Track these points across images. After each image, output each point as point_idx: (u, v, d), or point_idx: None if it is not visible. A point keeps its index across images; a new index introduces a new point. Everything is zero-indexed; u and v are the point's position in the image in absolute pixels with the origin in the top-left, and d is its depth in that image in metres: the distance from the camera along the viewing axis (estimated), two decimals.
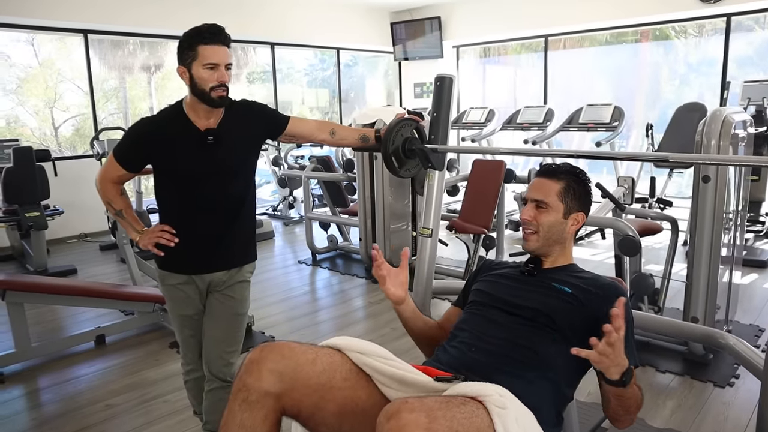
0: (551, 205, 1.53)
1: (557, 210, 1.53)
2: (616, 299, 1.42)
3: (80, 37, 6.33)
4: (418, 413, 1.05)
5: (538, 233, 1.54)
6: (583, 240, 5.53)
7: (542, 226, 1.53)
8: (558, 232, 1.55)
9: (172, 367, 3.05)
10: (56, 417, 2.62)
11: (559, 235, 1.55)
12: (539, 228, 1.54)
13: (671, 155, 1.40)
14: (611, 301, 1.42)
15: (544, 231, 1.54)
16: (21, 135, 6.70)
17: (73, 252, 5.83)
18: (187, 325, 2.05)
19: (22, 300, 3.09)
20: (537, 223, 1.54)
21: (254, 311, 3.64)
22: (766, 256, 4.70)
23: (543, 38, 8.20)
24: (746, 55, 7.03)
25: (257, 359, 1.28)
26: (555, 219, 1.53)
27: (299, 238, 6.27)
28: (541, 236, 1.54)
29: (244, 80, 8.89)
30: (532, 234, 1.55)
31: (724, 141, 2.61)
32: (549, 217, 1.53)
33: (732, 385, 2.71)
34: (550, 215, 1.53)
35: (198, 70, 1.79)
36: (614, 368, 1.22)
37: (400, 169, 2.03)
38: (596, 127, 6.22)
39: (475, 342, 1.46)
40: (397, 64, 9.72)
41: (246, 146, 2.00)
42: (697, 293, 2.82)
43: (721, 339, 1.69)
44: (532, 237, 1.55)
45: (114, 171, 1.94)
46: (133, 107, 8.33)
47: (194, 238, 1.95)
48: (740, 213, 3.09)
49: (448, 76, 1.90)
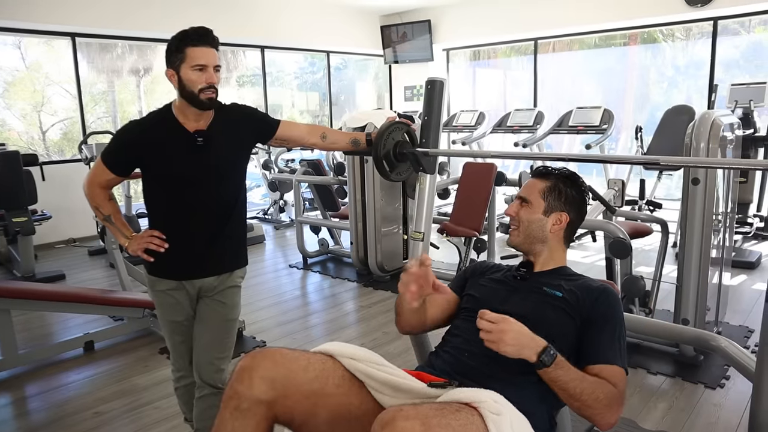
0: (532, 201, 1.58)
1: (537, 207, 1.57)
2: (607, 302, 1.43)
3: (68, 41, 6.28)
4: (413, 421, 1.04)
5: (519, 228, 1.59)
6: (574, 242, 5.53)
7: (522, 221, 1.58)
8: (537, 228, 1.57)
9: (162, 374, 3.02)
10: (44, 425, 2.58)
11: (540, 232, 1.57)
12: (520, 223, 1.59)
13: (662, 158, 1.41)
14: (602, 303, 1.43)
15: (524, 226, 1.58)
16: (8, 139, 6.61)
17: (61, 257, 5.77)
18: (177, 331, 2.03)
19: (9, 306, 3.05)
20: (518, 218, 1.59)
21: (245, 316, 3.62)
22: (754, 257, 4.73)
23: (532, 41, 8.24)
24: (733, 58, 7.11)
25: (249, 366, 1.27)
26: (534, 215, 1.57)
27: (290, 241, 6.25)
28: (521, 231, 1.59)
29: (234, 84, 8.86)
30: (515, 229, 1.61)
31: (713, 144, 2.63)
32: (529, 213, 1.58)
33: (722, 387, 2.72)
34: (530, 211, 1.58)
35: (186, 72, 1.78)
36: (525, 350, 1.26)
37: (391, 173, 2.03)
38: (586, 130, 6.26)
39: (468, 347, 1.45)
40: (387, 67, 9.73)
41: (236, 149, 1.98)
42: (688, 295, 2.84)
43: (712, 341, 1.70)
44: (514, 232, 1.61)
45: (102, 175, 1.91)
46: (121, 111, 8.27)
47: (184, 243, 1.93)
48: (729, 215, 3.12)
49: (439, 80, 1.90)
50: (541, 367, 1.27)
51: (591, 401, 1.28)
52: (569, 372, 1.28)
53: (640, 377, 2.86)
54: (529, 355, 1.27)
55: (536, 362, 1.27)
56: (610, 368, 1.34)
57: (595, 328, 1.38)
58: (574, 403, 1.30)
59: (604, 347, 1.37)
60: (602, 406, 1.29)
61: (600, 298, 1.44)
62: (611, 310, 1.43)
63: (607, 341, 1.38)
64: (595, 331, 1.38)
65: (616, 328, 1.41)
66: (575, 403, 1.29)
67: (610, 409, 1.30)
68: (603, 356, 1.35)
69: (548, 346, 1.28)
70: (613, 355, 1.36)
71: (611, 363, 1.35)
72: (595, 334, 1.38)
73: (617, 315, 1.43)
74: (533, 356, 1.27)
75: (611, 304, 1.44)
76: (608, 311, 1.42)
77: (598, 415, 1.29)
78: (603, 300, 1.44)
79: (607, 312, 1.42)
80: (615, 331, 1.40)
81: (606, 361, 1.35)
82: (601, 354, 1.36)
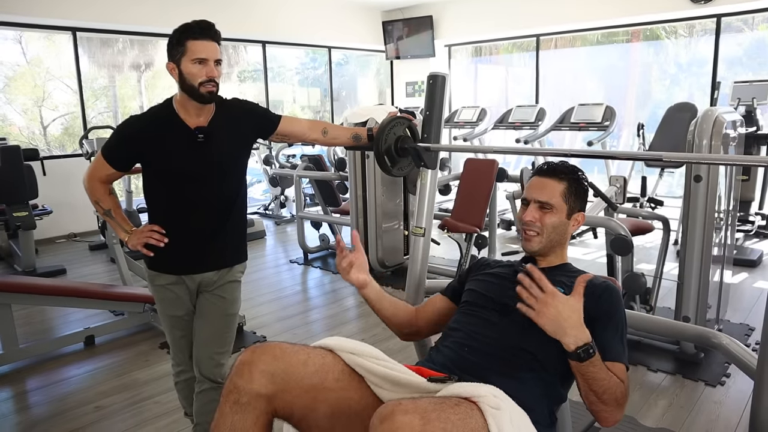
0: (556, 206, 1.50)
1: (561, 211, 1.51)
2: (610, 299, 1.43)
3: (69, 35, 6.27)
4: (412, 415, 1.03)
5: (541, 234, 1.51)
6: (575, 239, 5.54)
7: (546, 227, 1.50)
8: (561, 233, 1.53)
9: (162, 368, 3.02)
10: (45, 419, 2.59)
11: (562, 236, 1.54)
12: (543, 230, 1.50)
13: (665, 154, 1.40)
14: (605, 300, 1.42)
15: (548, 232, 1.51)
16: (9, 134, 6.61)
17: (62, 252, 5.77)
18: (177, 326, 2.03)
19: (10, 301, 3.05)
20: (541, 224, 1.50)
21: (245, 311, 3.62)
22: (755, 255, 4.72)
23: (534, 38, 8.21)
24: (735, 55, 7.08)
25: (248, 361, 1.26)
26: (559, 220, 1.51)
27: (291, 237, 6.25)
28: (544, 238, 1.51)
29: (235, 79, 8.84)
30: (535, 236, 1.51)
31: (716, 141, 2.62)
32: (553, 219, 1.50)
33: (723, 384, 2.72)
34: (554, 216, 1.50)
35: (187, 65, 1.77)
36: (566, 336, 1.27)
37: (392, 168, 2.02)
38: (588, 127, 6.24)
39: (468, 342, 1.45)
40: (388, 63, 9.71)
41: (237, 145, 1.97)
42: (689, 292, 2.83)
43: (714, 339, 1.69)
44: (535, 239, 1.51)
45: (102, 170, 1.91)
46: (122, 106, 8.26)
47: (184, 238, 1.93)
48: (731, 212, 3.11)
49: (441, 74, 1.89)
50: (576, 359, 1.27)
51: (610, 400, 1.29)
52: (600, 371, 1.28)
53: (641, 374, 2.86)
54: (568, 343, 1.27)
55: (572, 353, 1.27)
56: (619, 366, 1.34)
57: (599, 326, 1.38)
58: (593, 398, 1.30)
59: (610, 344, 1.36)
60: (616, 405, 1.30)
61: (603, 295, 1.43)
62: (614, 307, 1.42)
63: (612, 338, 1.37)
64: (599, 328, 1.37)
65: (619, 325, 1.40)
66: (594, 398, 1.30)
67: (620, 408, 1.31)
68: (610, 354, 1.35)
69: (591, 342, 1.27)
70: (618, 353, 1.36)
71: (618, 361, 1.35)
72: (600, 331, 1.37)
73: (620, 312, 1.43)
74: (572, 345, 1.27)
75: (614, 302, 1.43)
76: (611, 308, 1.42)
77: (608, 412, 1.30)
78: (606, 297, 1.43)
79: (610, 309, 1.41)
80: (618, 328, 1.40)
81: (613, 359, 1.34)
82: (608, 352, 1.35)
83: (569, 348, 1.27)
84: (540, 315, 1.29)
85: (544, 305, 1.29)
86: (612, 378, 1.30)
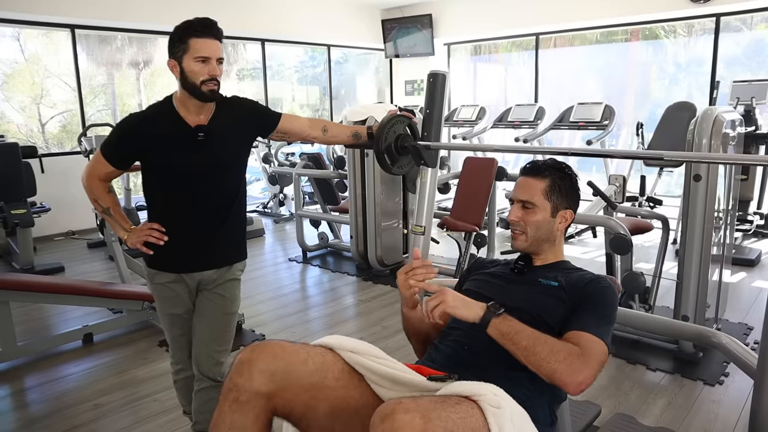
0: (537, 204, 1.53)
1: (544, 209, 1.53)
2: (598, 286, 1.43)
3: (67, 32, 6.25)
4: (413, 414, 1.03)
5: (526, 233, 1.55)
6: (574, 238, 5.54)
7: (530, 226, 1.54)
8: (546, 230, 1.55)
9: (161, 366, 3.02)
10: (43, 417, 2.58)
11: (548, 234, 1.56)
12: (527, 228, 1.54)
13: (666, 153, 1.40)
14: (593, 287, 1.43)
15: (532, 231, 1.54)
16: (7, 131, 6.58)
17: (60, 249, 5.76)
18: (176, 324, 2.03)
19: (8, 299, 3.04)
20: (524, 223, 1.54)
21: (244, 309, 3.61)
22: (754, 255, 4.73)
23: (534, 37, 8.21)
24: (735, 55, 7.08)
25: (248, 359, 1.26)
26: (542, 218, 1.53)
27: (290, 235, 6.24)
28: (529, 236, 1.55)
29: (234, 77, 8.82)
30: (520, 234, 1.56)
31: (715, 140, 2.62)
32: (536, 217, 1.53)
33: (721, 383, 2.72)
34: (537, 215, 1.53)
35: (189, 63, 1.77)
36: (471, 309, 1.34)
37: (392, 166, 2.02)
38: (587, 126, 6.24)
39: (467, 341, 1.45)
40: (388, 62, 9.70)
41: (237, 143, 1.97)
42: (688, 292, 2.83)
43: (713, 338, 1.70)
44: (520, 237, 1.56)
45: (101, 168, 1.90)
46: (121, 104, 8.24)
47: (184, 236, 1.93)
48: (730, 212, 3.11)
49: (441, 73, 1.89)
50: (490, 318, 1.31)
51: (546, 354, 1.26)
52: (517, 325, 1.31)
53: (640, 373, 2.86)
54: (476, 311, 1.33)
55: (485, 315, 1.32)
56: (580, 334, 1.32)
57: (580, 308, 1.39)
58: (531, 358, 1.27)
59: (581, 318, 1.37)
60: (560, 362, 1.24)
61: (591, 283, 1.45)
62: (600, 294, 1.43)
63: (589, 317, 1.37)
64: (580, 309, 1.39)
65: (604, 309, 1.39)
66: (531, 358, 1.27)
67: (571, 367, 1.24)
68: (577, 323, 1.35)
69: (492, 303, 1.34)
70: (586, 323, 1.35)
71: (584, 330, 1.33)
72: (581, 312, 1.38)
73: (606, 298, 1.42)
74: (480, 312, 1.33)
75: (601, 289, 1.44)
76: (597, 294, 1.42)
77: (559, 372, 1.24)
78: (594, 285, 1.44)
79: (595, 294, 1.42)
80: (599, 310, 1.39)
81: (579, 329, 1.34)
82: (575, 323, 1.35)
83: (479, 314, 1.33)
84: (445, 303, 1.33)
85: (441, 294, 1.35)
86: (537, 334, 1.29)
